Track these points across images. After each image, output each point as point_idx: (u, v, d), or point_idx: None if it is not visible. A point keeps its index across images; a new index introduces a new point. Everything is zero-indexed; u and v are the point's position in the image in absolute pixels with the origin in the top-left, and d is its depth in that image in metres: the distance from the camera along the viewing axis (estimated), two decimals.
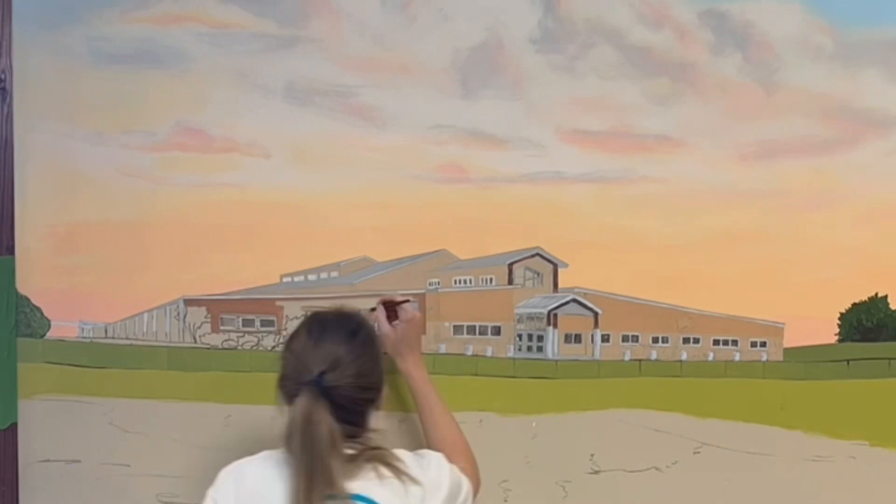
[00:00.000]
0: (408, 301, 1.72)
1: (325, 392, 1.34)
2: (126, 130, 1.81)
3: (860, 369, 1.85)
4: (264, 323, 1.84)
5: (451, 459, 1.47)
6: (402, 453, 1.43)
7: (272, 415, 1.81)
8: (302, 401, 1.34)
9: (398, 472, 1.37)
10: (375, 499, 1.33)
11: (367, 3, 1.80)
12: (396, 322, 1.68)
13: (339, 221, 1.82)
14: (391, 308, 1.71)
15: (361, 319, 1.49)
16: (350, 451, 1.36)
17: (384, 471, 1.36)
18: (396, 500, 1.35)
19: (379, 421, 1.44)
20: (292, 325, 1.60)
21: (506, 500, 1.82)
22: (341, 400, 1.35)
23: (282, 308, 1.83)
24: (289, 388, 1.38)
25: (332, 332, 1.40)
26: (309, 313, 1.50)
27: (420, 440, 1.68)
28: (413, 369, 1.66)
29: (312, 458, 1.31)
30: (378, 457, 1.37)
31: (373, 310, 1.70)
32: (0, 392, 1.78)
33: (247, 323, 1.84)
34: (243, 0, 1.80)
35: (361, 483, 1.34)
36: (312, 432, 1.31)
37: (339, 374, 1.35)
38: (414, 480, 1.37)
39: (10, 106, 1.77)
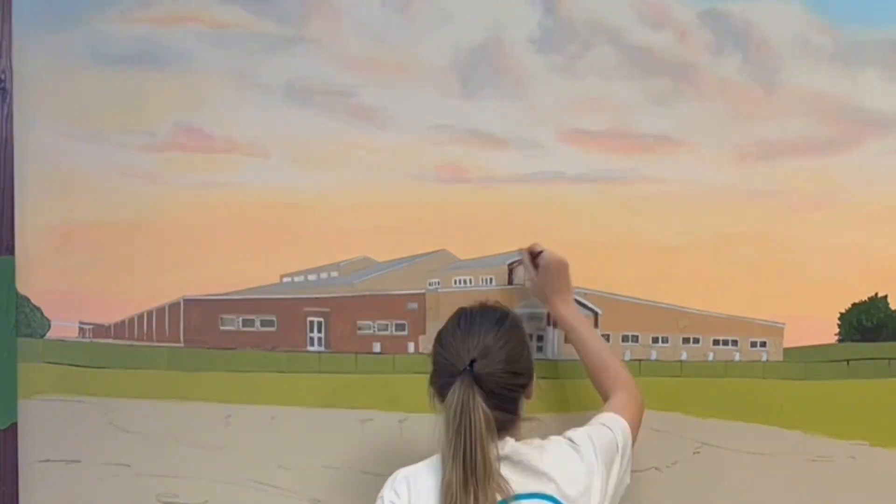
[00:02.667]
0: (542, 252, 1.73)
1: (477, 380, 1.36)
2: (126, 130, 1.81)
3: (860, 369, 1.85)
4: (264, 323, 1.84)
5: (614, 396, 1.57)
6: (557, 440, 1.46)
7: (272, 415, 1.83)
8: (456, 390, 1.35)
9: (555, 463, 1.40)
10: (552, 493, 1.37)
11: (368, 3, 1.80)
12: (537, 268, 1.72)
13: (339, 221, 1.82)
14: (532, 261, 1.74)
15: (506, 309, 1.52)
16: (508, 440, 1.39)
17: (538, 462, 1.39)
18: (566, 486, 1.38)
19: None
20: None
21: None
22: (493, 387, 1.37)
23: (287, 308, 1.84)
24: (441, 383, 1.41)
25: (480, 322, 1.43)
26: (456, 310, 1.52)
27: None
28: (560, 307, 1.69)
29: (469, 446, 1.32)
30: (529, 448, 1.41)
31: (516, 263, 1.77)
32: (0, 392, 1.78)
33: (247, 323, 1.84)
34: (243, 0, 1.80)
35: (520, 475, 1.37)
36: (469, 420, 1.33)
37: (490, 361, 1.38)
38: (570, 467, 1.41)
39: (9, 106, 1.78)
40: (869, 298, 1.85)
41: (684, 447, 1.85)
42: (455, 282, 1.85)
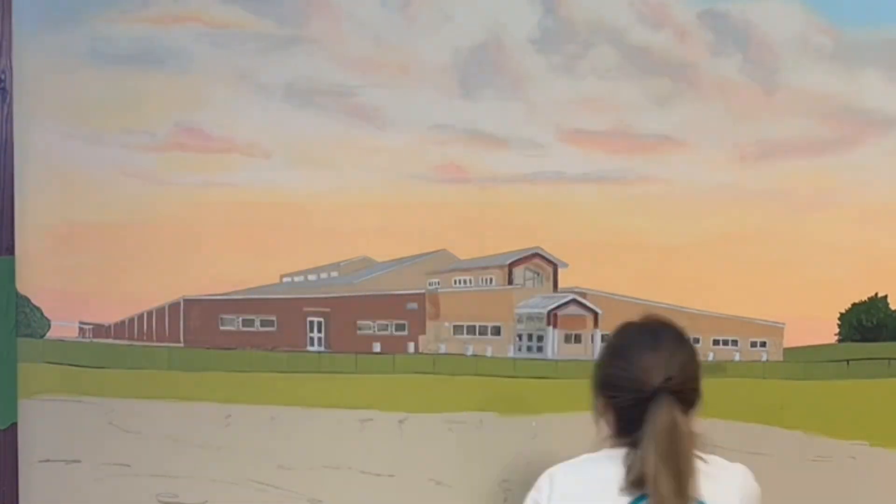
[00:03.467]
0: None
1: (676, 396, 1.34)
2: (126, 130, 1.81)
3: (860, 369, 1.85)
4: (264, 323, 1.84)
5: None
6: (717, 458, 1.44)
7: (272, 415, 1.83)
8: (661, 408, 1.33)
9: (719, 472, 1.39)
10: (703, 499, 1.35)
11: (368, 4, 1.80)
12: None
13: (338, 221, 1.82)
14: None
15: (680, 327, 1.49)
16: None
17: (710, 470, 1.38)
18: (719, 496, 1.37)
19: None
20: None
21: (506, 500, 1.82)
22: (686, 403, 1.36)
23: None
24: (622, 398, 1.37)
25: (666, 337, 1.41)
26: (624, 324, 1.48)
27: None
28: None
29: (681, 464, 1.32)
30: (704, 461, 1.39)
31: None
32: (0, 392, 1.78)
33: (247, 323, 1.84)
34: (243, 0, 1.80)
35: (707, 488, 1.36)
36: (677, 436, 1.32)
37: (684, 378, 1.37)
38: (729, 479, 1.40)
39: (9, 106, 1.77)
40: (869, 298, 1.85)
41: None
42: (455, 282, 1.85)
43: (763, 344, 1.85)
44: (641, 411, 1.34)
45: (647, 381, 1.35)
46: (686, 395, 1.37)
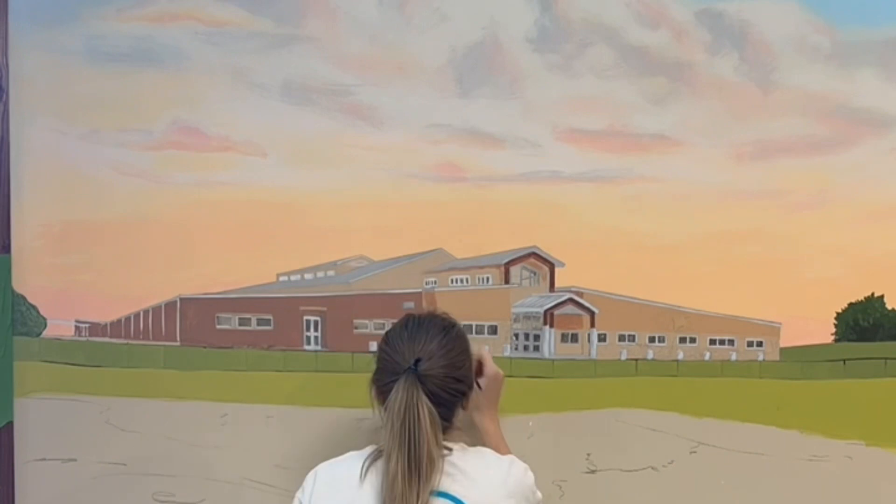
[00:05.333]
0: (485, 352, 1.69)
1: (420, 379, 1.41)
2: (122, 129, 1.81)
3: (857, 369, 1.85)
4: (261, 322, 1.84)
5: None
6: (485, 450, 1.49)
7: (268, 414, 1.83)
8: (400, 387, 1.40)
9: (477, 468, 1.43)
10: (456, 495, 1.39)
11: (364, 2, 1.80)
12: (480, 378, 1.66)
13: (335, 220, 1.82)
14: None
15: (453, 319, 1.56)
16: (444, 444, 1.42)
17: (466, 466, 1.42)
18: (475, 493, 1.40)
19: None
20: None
21: None
22: (434, 388, 1.41)
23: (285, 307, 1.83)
24: (383, 382, 1.45)
25: (426, 327, 1.48)
26: (404, 315, 1.56)
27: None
28: (488, 423, 1.68)
29: (413, 442, 1.36)
30: (458, 449, 1.44)
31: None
32: None
33: (243, 322, 1.84)
34: None
35: (446, 479, 1.39)
36: (413, 415, 1.37)
37: (433, 363, 1.43)
38: (491, 476, 1.43)
39: (5, 104, 1.77)
40: (865, 298, 1.85)
41: (681, 446, 1.84)
42: (451, 281, 1.85)
43: (760, 344, 1.85)
44: None
45: (400, 363, 1.42)
46: (436, 381, 1.41)
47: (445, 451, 1.41)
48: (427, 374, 1.42)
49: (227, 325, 1.84)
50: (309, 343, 1.84)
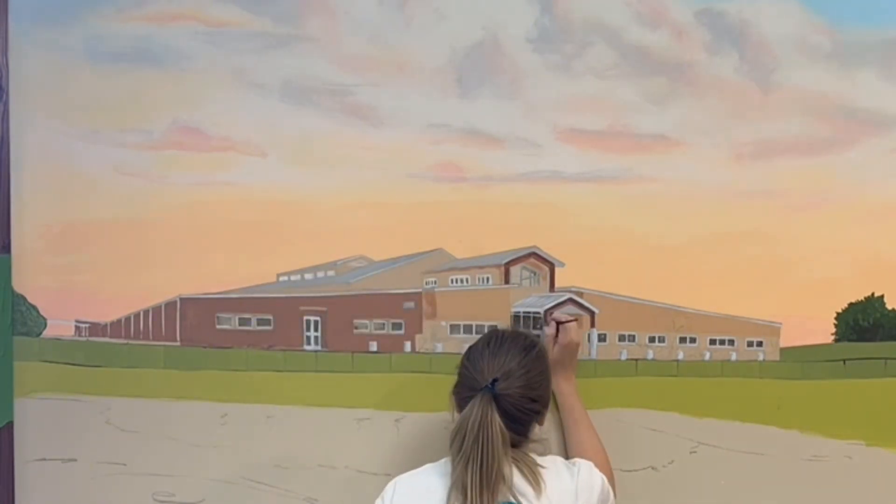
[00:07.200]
0: (574, 321, 1.77)
1: (496, 398, 1.44)
2: (123, 129, 1.81)
3: (857, 369, 1.85)
4: (261, 322, 1.84)
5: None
6: (556, 459, 1.54)
7: (268, 414, 1.83)
8: (476, 404, 1.44)
9: (543, 477, 1.47)
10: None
11: (364, 2, 1.80)
12: (556, 343, 1.76)
13: (335, 220, 1.82)
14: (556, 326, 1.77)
15: (536, 338, 1.61)
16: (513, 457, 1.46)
17: (533, 476, 1.46)
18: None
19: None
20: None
21: None
22: (509, 407, 1.45)
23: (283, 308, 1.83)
24: (462, 395, 1.50)
25: (508, 345, 1.53)
26: (488, 330, 1.64)
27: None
28: (563, 383, 1.74)
29: (485, 458, 1.40)
30: (529, 463, 1.48)
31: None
32: None
33: (243, 322, 1.84)
34: None
35: (516, 489, 1.44)
36: (486, 433, 1.41)
37: (510, 383, 1.47)
38: (561, 485, 1.48)
39: (6, 104, 1.77)
40: (865, 298, 1.85)
41: (681, 447, 1.85)
42: (452, 281, 1.85)
43: (760, 343, 1.85)
44: None
45: (479, 380, 1.46)
46: (512, 400, 1.46)
47: (516, 464, 1.45)
48: (503, 393, 1.45)
49: (227, 325, 1.84)
50: (309, 343, 1.84)
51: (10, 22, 1.77)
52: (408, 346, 1.84)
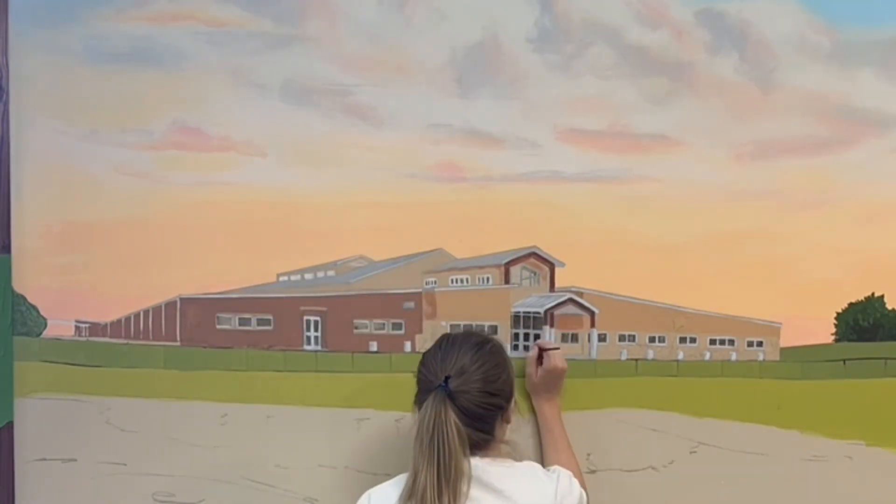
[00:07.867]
0: (557, 349, 1.77)
1: (450, 396, 1.43)
2: (123, 129, 1.81)
3: (857, 369, 1.85)
4: (261, 322, 1.84)
5: None
6: (534, 465, 1.54)
7: (268, 414, 1.83)
8: (429, 404, 1.43)
9: (520, 488, 1.46)
10: None
11: (364, 2, 1.80)
12: (540, 367, 1.76)
13: (335, 220, 1.82)
14: (540, 352, 1.77)
15: (488, 335, 1.60)
16: (477, 459, 1.45)
17: (504, 486, 1.45)
18: None
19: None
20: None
21: None
22: (468, 405, 1.44)
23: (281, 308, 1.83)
24: (419, 400, 1.49)
25: (460, 344, 1.51)
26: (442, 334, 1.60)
27: None
28: (545, 406, 1.75)
29: (442, 457, 1.39)
30: (496, 467, 1.47)
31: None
32: None
33: (243, 322, 1.84)
34: None
35: (481, 492, 1.43)
36: (441, 433, 1.40)
37: (466, 379, 1.46)
38: (539, 488, 1.48)
39: (6, 104, 1.77)
40: (865, 298, 1.85)
41: (681, 447, 1.85)
42: (452, 281, 1.85)
43: (760, 344, 1.85)
44: None
45: (432, 381, 1.45)
46: (469, 397, 1.44)
47: (481, 467, 1.44)
48: (459, 390, 1.44)
49: (227, 325, 1.84)
50: (309, 343, 1.84)
51: (10, 22, 1.77)
52: (408, 346, 1.84)
